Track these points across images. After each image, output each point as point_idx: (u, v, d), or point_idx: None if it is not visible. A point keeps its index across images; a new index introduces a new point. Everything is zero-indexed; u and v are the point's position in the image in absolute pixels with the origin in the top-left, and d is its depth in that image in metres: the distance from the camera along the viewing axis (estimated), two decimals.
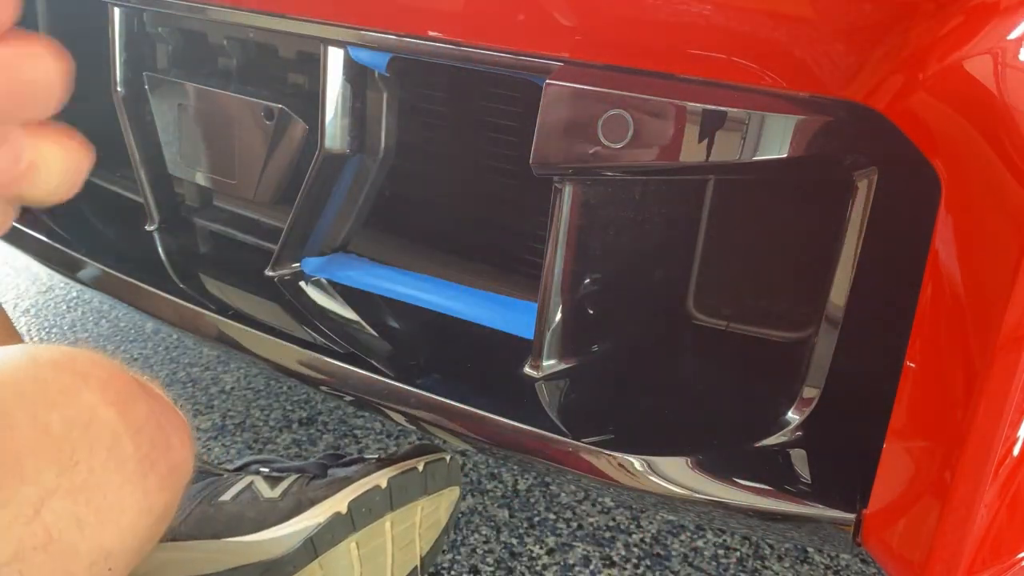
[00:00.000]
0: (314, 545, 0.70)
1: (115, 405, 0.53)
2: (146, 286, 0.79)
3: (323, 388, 0.69)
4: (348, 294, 0.77)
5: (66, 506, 0.48)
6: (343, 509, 0.71)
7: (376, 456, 0.79)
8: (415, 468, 0.76)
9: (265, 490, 0.74)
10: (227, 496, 0.73)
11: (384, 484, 0.73)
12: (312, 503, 0.72)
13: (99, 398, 0.51)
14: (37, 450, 0.48)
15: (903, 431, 0.50)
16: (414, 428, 0.69)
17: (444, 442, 0.84)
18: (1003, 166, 0.43)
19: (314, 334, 0.72)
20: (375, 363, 0.67)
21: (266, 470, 0.76)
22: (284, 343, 0.70)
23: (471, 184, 0.81)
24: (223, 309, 0.75)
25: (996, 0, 0.44)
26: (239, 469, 0.78)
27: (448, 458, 0.79)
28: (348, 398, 0.68)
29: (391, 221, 0.83)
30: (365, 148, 0.73)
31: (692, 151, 0.52)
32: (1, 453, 0.46)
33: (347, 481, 0.74)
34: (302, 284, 0.78)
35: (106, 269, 0.82)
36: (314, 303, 0.76)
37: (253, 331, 0.72)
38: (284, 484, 0.74)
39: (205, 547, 0.69)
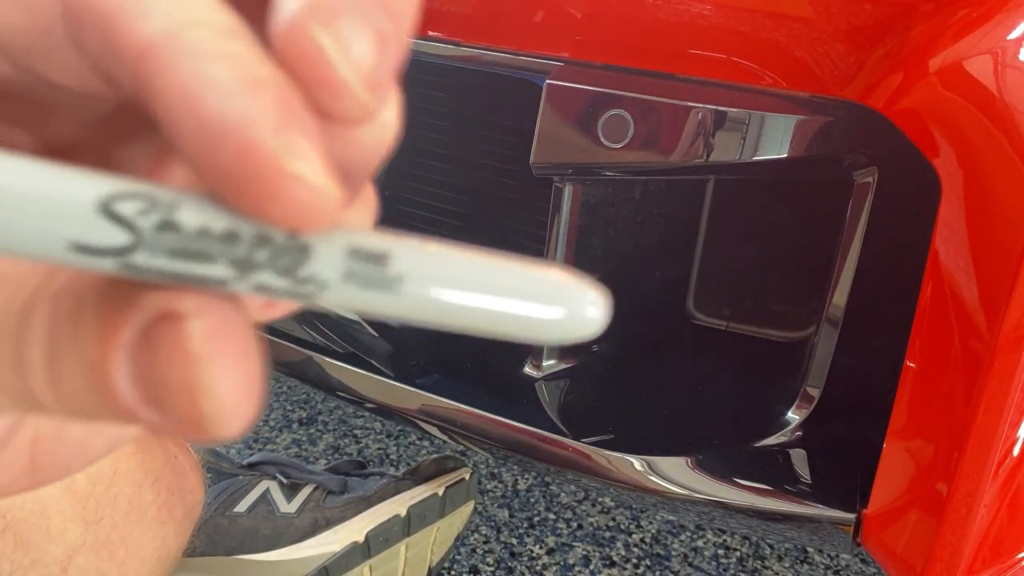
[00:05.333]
0: (328, 573, 0.69)
1: (135, 455, 0.53)
2: None
3: (323, 389, 0.69)
4: None
5: (90, 561, 0.49)
6: (360, 539, 0.71)
7: (396, 473, 0.78)
8: (435, 494, 0.75)
9: (281, 503, 0.73)
10: (242, 507, 0.72)
11: (403, 513, 0.73)
12: (328, 524, 0.71)
13: (120, 450, 0.51)
14: (63, 508, 0.48)
15: (903, 431, 0.50)
16: (414, 428, 0.69)
17: (463, 454, 0.84)
18: (1003, 166, 0.43)
19: (313, 334, 0.72)
20: (375, 363, 0.67)
21: (283, 478, 0.75)
22: (284, 343, 0.70)
23: (471, 184, 0.81)
24: None
25: (995, 0, 0.44)
26: (252, 467, 0.77)
27: (467, 476, 0.78)
28: (348, 399, 0.68)
29: (391, 221, 0.83)
30: None
31: (692, 151, 0.52)
32: (29, 514, 0.46)
33: (365, 502, 0.73)
34: None
35: None
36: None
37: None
38: (300, 498, 0.73)
39: (218, 564, 0.69)
